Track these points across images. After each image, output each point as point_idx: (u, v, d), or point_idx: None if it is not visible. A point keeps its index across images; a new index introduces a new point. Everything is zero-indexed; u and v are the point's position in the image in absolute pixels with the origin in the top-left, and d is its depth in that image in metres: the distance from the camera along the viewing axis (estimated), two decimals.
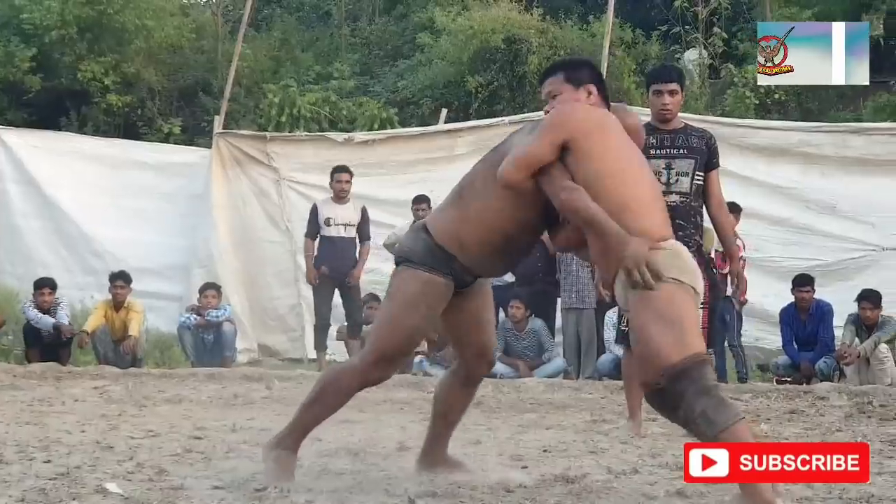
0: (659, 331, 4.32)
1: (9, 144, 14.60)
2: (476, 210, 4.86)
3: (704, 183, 7.10)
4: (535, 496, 5.12)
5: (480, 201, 4.86)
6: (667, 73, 7.65)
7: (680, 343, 4.31)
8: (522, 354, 11.85)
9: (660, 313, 4.34)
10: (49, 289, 12.11)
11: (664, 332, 4.32)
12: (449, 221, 4.93)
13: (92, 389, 9.67)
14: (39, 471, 5.50)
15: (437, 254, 4.88)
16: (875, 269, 11.98)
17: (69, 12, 18.90)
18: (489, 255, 4.94)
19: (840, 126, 13.70)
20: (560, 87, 4.95)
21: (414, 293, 4.90)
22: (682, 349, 4.29)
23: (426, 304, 4.93)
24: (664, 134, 7.13)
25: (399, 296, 4.98)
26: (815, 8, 17.89)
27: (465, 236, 4.86)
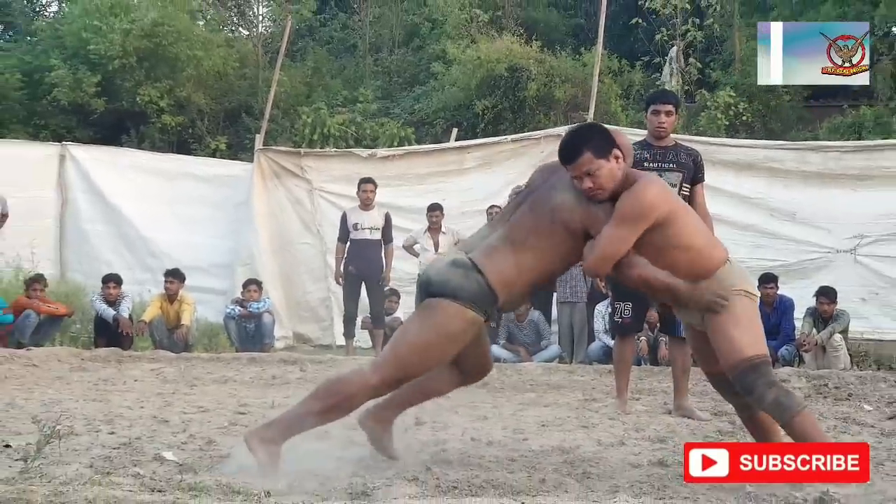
0: (736, 332, 4.62)
1: (77, 159, 14.64)
2: (531, 260, 4.68)
3: (690, 195, 7.16)
4: (534, 464, 5.14)
5: (534, 253, 4.69)
6: (665, 96, 7.85)
7: (752, 343, 4.64)
8: (523, 342, 11.86)
9: (737, 319, 4.64)
10: (115, 283, 12.15)
11: (740, 333, 4.62)
12: (505, 267, 4.67)
13: (149, 371, 9.69)
14: (105, 441, 5.53)
15: (487, 295, 4.64)
16: (830, 268, 11.97)
17: (130, 44, 18.92)
18: (527, 296, 4.90)
19: (800, 144, 13.68)
20: (593, 164, 4.60)
21: (457, 330, 4.66)
22: (753, 348, 4.62)
23: (463, 341, 4.72)
24: (657, 150, 7.18)
25: (441, 329, 4.66)
26: None
27: (518, 283, 4.70)
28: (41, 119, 19.65)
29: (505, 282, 4.66)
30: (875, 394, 8.35)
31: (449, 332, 4.65)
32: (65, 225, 14.59)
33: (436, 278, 4.71)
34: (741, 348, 4.60)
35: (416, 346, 4.71)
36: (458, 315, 4.62)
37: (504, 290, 4.66)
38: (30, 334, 11.59)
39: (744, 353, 4.59)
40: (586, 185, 4.63)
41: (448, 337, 4.67)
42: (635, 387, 7.96)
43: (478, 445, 5.69)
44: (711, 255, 4.72)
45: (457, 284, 4.63)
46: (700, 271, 4.67)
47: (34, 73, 20.01)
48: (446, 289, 4.64)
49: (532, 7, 23.11)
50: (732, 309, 4.66)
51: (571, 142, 4.74)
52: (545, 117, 17.78)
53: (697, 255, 4.68)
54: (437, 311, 4.66)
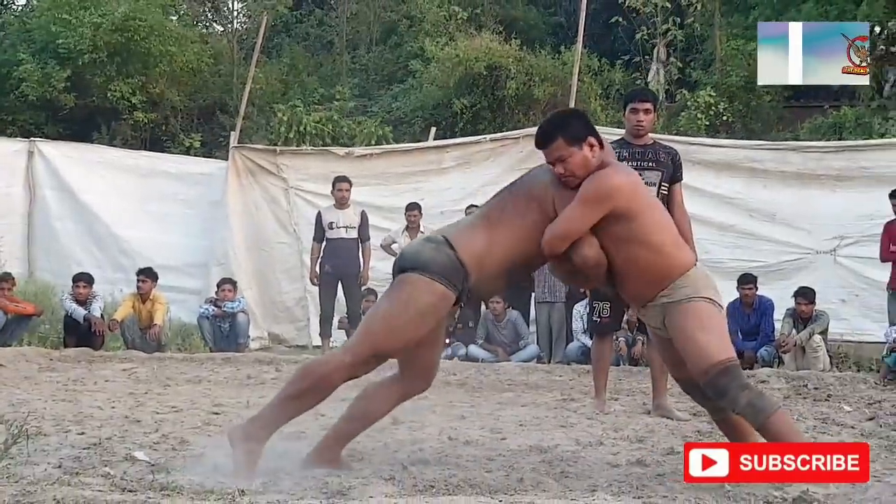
0: (704, 337, 4.60)
1: (46, 155, 14.60)
2: (503, 236, 4.67)
3: (669, 194, 7.20)
4: (512, 463, 5.15)
5: (508, 229, 4.68)
6: (643, 94, 7.93)
7: (721, 347, 4.63)
8: (501, 342, 11.89)
9: (703, 324, 4.62)
10: (85, 283, 12.11)
11: (708, 338, 4.61)
12: (477, 242, 4.66)
13: (121, 371, 9.67)
14: (74, 441, 5.51)
15: (457, 270, 4.60)
16: (810, 269, 12.03)
17: (100, 38, 18.88)
18: (497, 279, 4.80)
19: (780, 144, 13.76)
20: (564, 151, 4.63)
21: (426, 304, 4.60)
22: (723, 352, 4.61)
23: (433, 317, 4.66)
24: (636, 148, 7.21)
25: (410, 303, 4.61)
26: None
27: (488, 258, 4.66)
28: (8, 115, 19.58)
29: (475, 255, 4.62)
30: (855, 395, 8.41)
31: (419, 306, 4.60)
32: (33, 222, 14.54)
33: (408, 252, 4.77)
34: (710, 353, 4.58)
35: (387, 320, 4.66)
36: (428, 288, 4.58)
37: (475, 265, 4.62)
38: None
39: (714, 358, 4.57)
40: (558, 171, 4.68)
41: (418, 311, 4.61)
42: (613, 387, 7.99)
43: (455, 445, 5.70)
44: (675, 257, 4.71)
45: (427, 257, 4.62)
46: (659, 271, 4.67)
47: (1, 67, 19.95)
48: (417, 262, 4.63)
49: (511, 5, 23.16)
50: (698, 313, 4.64)
51: (547, 127, 4.81)
52: (524, 116, 17.82)
53: (658, 255, 4.67)
54: (406, 284, 4.63)
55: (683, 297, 4.65)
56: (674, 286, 4.67)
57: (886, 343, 10.29)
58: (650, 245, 4.66)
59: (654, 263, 4.66)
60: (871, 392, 8.62)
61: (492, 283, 4.85)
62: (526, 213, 4.70)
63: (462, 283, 4.63)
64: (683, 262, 4.72)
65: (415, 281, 4.61)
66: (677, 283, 4.67)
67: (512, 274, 4.91)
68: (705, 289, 4.73)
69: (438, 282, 4.58)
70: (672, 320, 4.68)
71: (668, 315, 4.70)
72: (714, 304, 4.73)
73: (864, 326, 11.66)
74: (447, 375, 9.60)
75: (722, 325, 4.83)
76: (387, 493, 4.19)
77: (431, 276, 4.59)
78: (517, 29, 21.24)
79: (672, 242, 4.75)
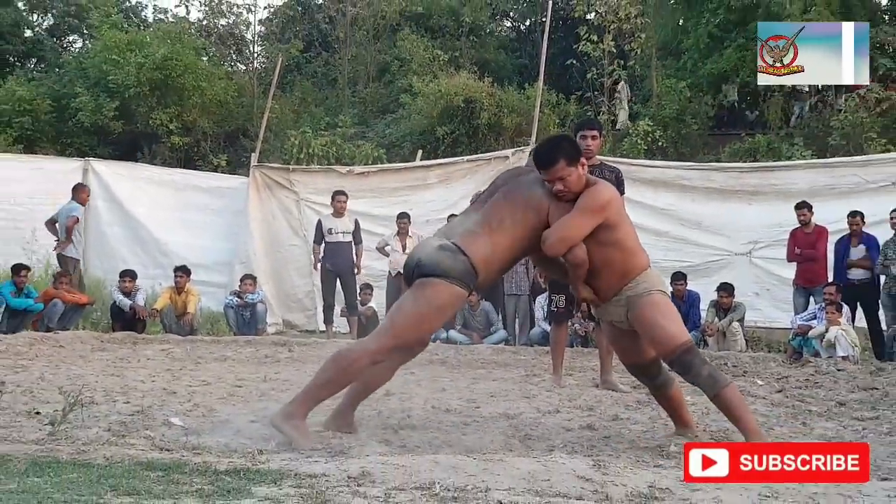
0: (667, 323, 4.69)
1: (98, 172, 14.50)
2: (504, 240, 4.65)
3: None
4: (485, 427, 5.16)
5: (508, 234, 4.66)
6: (591, 123, 7.80)
7: (680, 330, 4.74)
8: (475, 328, 11.88)
9: (662, 312, 4.71)
10: (130, 278, 12.04)
11: (669, 323, 4.70)
12: (484, 248, 4.62)
13: (160, 351, 9.63)
14: (121, 409, 5.49)
15: (471, 273, 4.58)
16: (729, 268, 12.06)
17: (143, 75, 18.86)
18: (498, 276, 4.85)
19: (705, 165, 13.81)
20: (565, 171, 4.62)
21: (445, 303, 4.59)
22: (683, 335, 4.72)
23: (450, 312, 4.71)
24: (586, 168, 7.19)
25: (432, 301, 4.57)
26: (688, 80, 17.97)
27: (494, 263, 4.66)
28: (67, 138, 19.51)
29: (484, 260, 4.62)
30: (766, 372, 8.44)
31: (440, 304, 4.59)
32: (88, 228, 14.41)
33: (427, 261, 4.62)
34: (674, 336, 4.66)
35: (411, 317, 4.62)
36: (449, 290, 4.56)
37: (483, 267, 4.63)
38: (57, 320, 11.47)
39: (678, 340, 4.65)
40: (557, 188, 4.66)
41: (439, 309, 4.61)
42: (569, 365, 8.00)
43: (437, 412, 5.70)
44: (638, 258, 4.78)
45: (448, 266, 4.56)
46: (628, 269, 4.73)
47: (62, 99, 19.89)
48: (438, 269, 4.57)
49: (484, 49, 23.20)
50: (657, 304, 4.71)
51: (549, 151, 4.75)
52: (495, 141, 17.83)
53: (630, 256, 4.74)
54: (430, 287, 4.57)
55: (644, 291, 4.71)
56: (636, 281, 4.73)
57: (792, 329, 10.35)
58: (624, 249, 4.73)
59: (625, 263, 4.73)
60: (780, 369, 8.64)
61: (493, 277, 4.85)
62: (524, 220, 4.69)
63: (473, 284, 4.65)
64: (643, 263, 4.80)
65: (436, 284, 4.56)
66: (638, 279, 4.74)
67: (509, 267, 4.97)
68: (660, 283, 4.85)
69: (458, 285, 4.57)
70: (635, 310, 4.71)
71: (631, 306, 4.73)
72: (666, 295, 4.86)
73: (774, 315, 11.71)
74: (431, 355, 9.58)
75: (676, 312, 4.89)
76: (381, 453, 4.19)
77: (451, 280, 4.56)
78: (489, 69, 21.26)
79: (637, 247, 4.81)
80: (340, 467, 3.67)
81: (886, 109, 15.05)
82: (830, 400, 6.71)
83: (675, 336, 4.66)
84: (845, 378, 7.86)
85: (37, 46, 25.02)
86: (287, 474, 3.55)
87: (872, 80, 15.87)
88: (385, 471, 3.60)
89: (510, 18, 26.59)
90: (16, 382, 6.44)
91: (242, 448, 4.24)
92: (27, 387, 6.34)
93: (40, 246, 13.18)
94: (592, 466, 3.76)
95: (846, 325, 9.82)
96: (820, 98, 17.21)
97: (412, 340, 4.68)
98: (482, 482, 3.44)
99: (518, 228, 4.68)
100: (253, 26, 23.20)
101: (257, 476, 3.52)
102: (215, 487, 3.32)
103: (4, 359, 8.39)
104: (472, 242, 4.64)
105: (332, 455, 4.08)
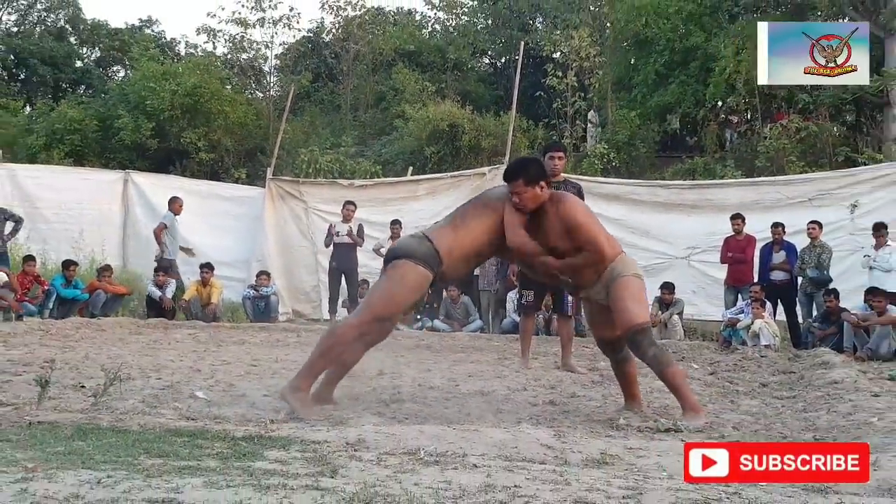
0: (631, 304, 4.65)
1: (137, 183, 14.45)
2: (466, 234, 4.67)
3: None
4: (463, 402, 5.15)
5: (469, 229, 4.68)
6: (557, 145, 7.99)
7: (641, 313, 4.71)
8: (456, 318, 11.89)
9: (634, 295, 4.68)
10: (163, 272, 12.01)
11: (633, 305, 4.66)
12: (447, 237, 4.66)
13: (188, 335, 9.61)
14: (153, 384, 5.47)
15: (434, 256, 4.59)
16: (671, 270, 12.06)
17: (176, 100, 18.80)
18: (461, 266, 4.78)
19: (651, 182, 13.81)
20: (521, 188, 4.65)
21: (411, 280, 4.57)
22: (642, 317, 4.69)
23: (417, 290, 4.64)
24: (553, 183, 7.19)
25: (400, 280, 4.58)
26: (638, 110, 18.00)
27: (457, 252, 4.65)
28: (111, 153, 19.40)
29: (447, 249, 4.63)
30: (701, 357, 8.48)
31: (407, 282, 4.59)
32: (127, 230, 14.39)
33: (398, 245, 4.79)
34: (633, 317, 4.63)
35: (384, 292, 4.64)
36: (415, 270, 4.57)
37: (447, 255, 4.62)
38: (99, 308, 11.44)
39: (635, 321, 4.62)
40: (514, 200, 4.70)
41: (407, 286, 4.60)
42: (535, 350, 8.01)
43: (423, 389, 5.70)
44: (609, 249, 4.75)
45: (414, 248, 4.62)
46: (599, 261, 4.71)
47: (106, 120, 19.78)
48: (405, 251, 4.63)
49: (466, 82, 23.17)
50: (630, 286, 4.67)
51: (513, 168, 4.84)
52: (475, 160, 17.74)
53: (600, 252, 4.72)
54: (399, 267, 4.61)
55: (618, 274, 4.71)
56: (612, 267, 4.71)
57: (723, 321, 10.39)
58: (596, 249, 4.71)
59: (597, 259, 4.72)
60: (712, 355, 8.69)
61: (457, 268, 4.80)
62: (483, 218, 4.72)
63: (437, 267, 4.63)
64: (615, 251, 4.79)
65: (404, 265, 4.59)
66: (615, 264, 4.72)
67: (475, 263, 4.95)
68: (634, 267, 4.81)
69: (422, 265, 4.57)
70: (611, 290, 4.69)
71: (610, 287, 4.70)
72: (640, 278, 4.79)
73: (708, 310, 11.73)
74: (418, 341, 9.61)
75: (644, 295, 4.84)
76: (374, 423, 4.18)
77: (416, 261, 4.58)
78: (470, 98, 21.23)
79: (606, 240, 4.78)
80: (340, 435, 3.66)
81: (804, 137, 15.12)
82: (755, 381, 6.76)
83: (634, 317, 4.63)
84: (767, 363, 7.91)
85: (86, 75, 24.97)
86: (294, 440, 3.54)
87: (792, 112, 15.99)
88: (378, 438, 3.60)
89: (488, 56, 26.55)
90: (64, 360, 6.42)
91: (257, 418, 4.23)
92: (74, 364, 6.31)
93: (86, 244, 13.19)
94: (554, 436, 3.78)
95: (768, 318, 9.88)
96: (748, 126, 17.27)
97: (386, 314, 4.64)
98: (460, 448, 3.44)
99: (478, 224, 4.70)
100: (269, 60, 23.12)
101: (269, 442, 3.51)
102: (233, 451, 3.31)
103: (55, 340, 8.37)
104: (438, 233, 4.71)
105: (333, 425, 4.08)
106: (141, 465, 3.01)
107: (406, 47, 23.22)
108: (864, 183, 11.63)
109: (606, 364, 7.35)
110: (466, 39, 24.14)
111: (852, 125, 17.01)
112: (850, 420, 4.73)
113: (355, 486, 2.76)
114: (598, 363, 7.38)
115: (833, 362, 7.54)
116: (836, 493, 2.93)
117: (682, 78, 17.73)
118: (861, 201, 11.40)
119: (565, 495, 2.75)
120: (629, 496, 2.78)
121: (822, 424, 4.66)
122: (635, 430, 4.30)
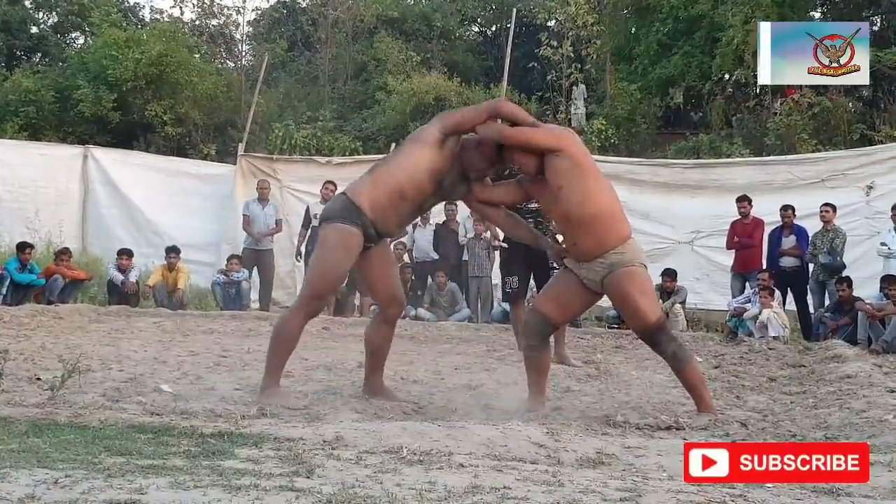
0: (642, 300, 4.67)
1: (97, 158, 14.36)
2: (386, 176, 4.73)
3: None
4: (449, 397, 5.17)
5: (388, 169, 4.76)
6: None
7: (654, 308, 4.74)
8: (442, 306, 11.88)
9: (640, 288, 4.69)
10: (126, 256, 11.96)
11: (645, 300, 4.68)
12: (361, 185, 4.78)
13: (152, 324, 9.58)
14: (115, 377, 5.47)
15: (350, 209, 4.66)
16: (674, 255, 12.13)
17: (140, 70, 18.65)
18: (389, 213, 4.73)
19: (653, 161, 13.84)
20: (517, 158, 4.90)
21: (334, 240, 4.68)
22: (656, 313, 4.73)
23: (344, 249, 4.67)
24: None
25: (323, 245, 4.75)
26: (639, 83, 17.99)
27: (373, 194, 4.69)
28: (69, 127, 19.25)
29: (362, 194, 4.70)
30: (705, 349, 8.53)
31: (330, 244, 4.70)
32: (87, 209, 14.31)
33: (322, 212, 4.95)
34: (648, 314, 4.67)
35: (315, 270, 4.82)
36: (333, 230, 4.69)
37: (363, 201, 4.68)
38: (57, 294, 11.38)
39: (651, 318, 4.67)
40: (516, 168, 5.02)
41: (332, 249, 4.69)
42: None
43: (406, 383, 5.71)
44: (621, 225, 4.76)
45: (329, 209, 4.81)
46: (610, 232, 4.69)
47: (64, 90, 19.63)
48: (325, 216, 4.80)
49: (454, 51, 23.11)
50: (636, 279, 4.67)
51: None
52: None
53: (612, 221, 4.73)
54: (321, 236, 4.79)
55: (628, 261, 4.69)
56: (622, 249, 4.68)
57: (728, 311, 10.44)
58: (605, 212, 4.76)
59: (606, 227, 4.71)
60: (717, 347, 8.74)
61: (386, 216, 4.75)
62: (401, 155, 4.81)
63: (359, 218, 4.67)
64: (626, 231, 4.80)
65: (325, 229, 4.75)
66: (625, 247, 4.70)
67: (400, 205, 4.77)
68: (641, 256, 4.80)
69: (341, 222, 4.66)
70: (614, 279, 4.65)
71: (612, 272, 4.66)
72: (646, 268, 4.80)
73: (713, 299, 11.79)
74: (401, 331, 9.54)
75: (652, 287, 4.91)
76: (353, 419, 4.19)
77: (333, 221, 4.68)
78: (458, 70, 21.18)
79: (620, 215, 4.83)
80: (317, 432, 3.66)
81: (817, 113, 15.14)
82: (762, 376, 6.80)
83: (648, 315, 4.67)
84: (776, 356, 7.96)
85: (42, 42, 24.70)
86: (267, 438, 3.54)
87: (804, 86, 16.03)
88: (357, 436, 3.60)
89: (478, 24, 26.50)
90: (18, 350, 6.39)
91: (227, 413, 4.23)
92: (29, 355, 6.29)
93: (42, 225, 13.12)
94: (546, 434, 3.78)
95: (777, 307, 9.91)
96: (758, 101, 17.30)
97: (325, 290, 4.84)
98: (445, 447, 3.45)
99: (399, 159, 4.77)
100: (241, 27, 22.95)
101: (240, 439, 3.51)
102: (201, 449, 3.31)
103: (8, 329, 8.32)
104: (353, 185, 4.83)
105: (309, 421, 4.08)
106: (101, 463, 3.01)
107: (389, 14, 23.11)
108: (880, 163, 11.68)
109: (603, 357, 7.42)
110: (454, 6, 24.06)
111: (869, 101, 17.03)
112: (863, 417, 4.76)
113: (333, 487, 2.76)
114: (593, 356, 7.41)
115: (846, 355, 7.58)
116: (847, 495, 2.95)
117: (686, 48, 17.71)
118: (877, 182, 11.46)
119: (558, 497, 2.76)
120: (627, 498, 2.79)
121: (834, 422, 4.69)
122: (634, 427, 4.32)
